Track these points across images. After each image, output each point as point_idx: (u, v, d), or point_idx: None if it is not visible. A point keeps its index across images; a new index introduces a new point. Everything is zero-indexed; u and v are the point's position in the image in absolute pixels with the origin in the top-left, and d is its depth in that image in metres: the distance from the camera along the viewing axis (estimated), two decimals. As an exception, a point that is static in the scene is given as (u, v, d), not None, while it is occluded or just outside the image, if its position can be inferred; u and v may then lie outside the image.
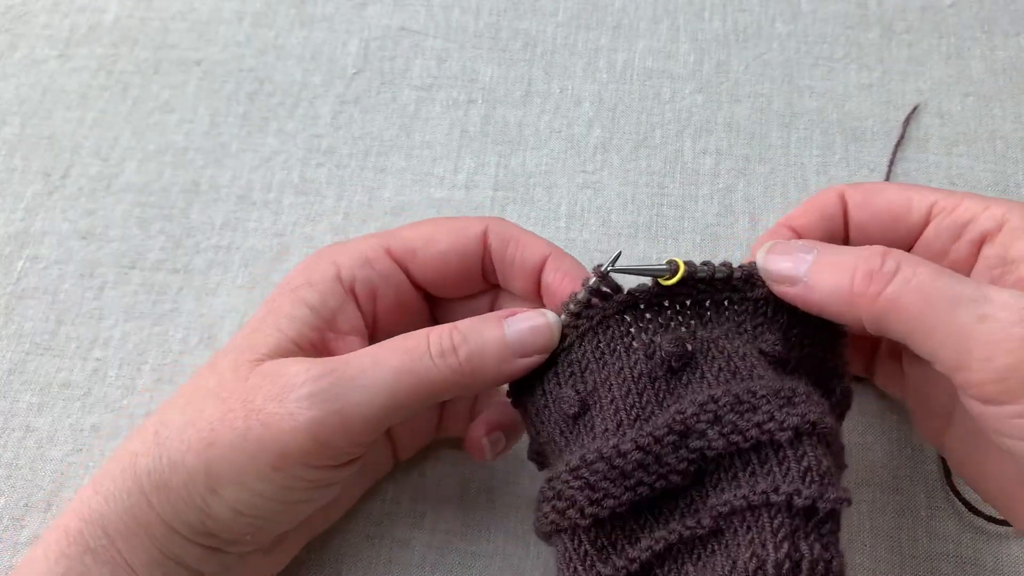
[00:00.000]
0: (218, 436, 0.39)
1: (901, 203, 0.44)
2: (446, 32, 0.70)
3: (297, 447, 0.39)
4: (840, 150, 0.64)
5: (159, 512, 0.40)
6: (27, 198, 0.63)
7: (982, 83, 0.66)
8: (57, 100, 0.68)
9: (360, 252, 0.44)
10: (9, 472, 0.54)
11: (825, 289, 0.39)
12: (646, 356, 0.40)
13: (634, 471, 0.38)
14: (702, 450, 0.38)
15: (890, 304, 0.37)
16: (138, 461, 0.40)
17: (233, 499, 0.40)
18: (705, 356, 0.40)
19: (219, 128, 0.66)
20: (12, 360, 0.57)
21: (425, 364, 0.40)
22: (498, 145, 0.65)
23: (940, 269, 0.37)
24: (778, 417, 0.37)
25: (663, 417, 0.39)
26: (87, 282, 0.60)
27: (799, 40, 0.69)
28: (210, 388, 0.41)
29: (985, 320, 0.35)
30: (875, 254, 0.38)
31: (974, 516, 0.51)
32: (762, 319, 0.42)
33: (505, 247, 0.44)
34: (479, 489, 0.52)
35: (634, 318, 0.42)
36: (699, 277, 0.42)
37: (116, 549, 0.40)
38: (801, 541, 0.36)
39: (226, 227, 0.62)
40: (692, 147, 0.65)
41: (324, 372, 0.39)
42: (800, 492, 0.36)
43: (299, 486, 0.40)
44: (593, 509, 0.38)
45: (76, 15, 0.72)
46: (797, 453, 0.37)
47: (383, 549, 0.51)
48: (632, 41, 0.69)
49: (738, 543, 0.37)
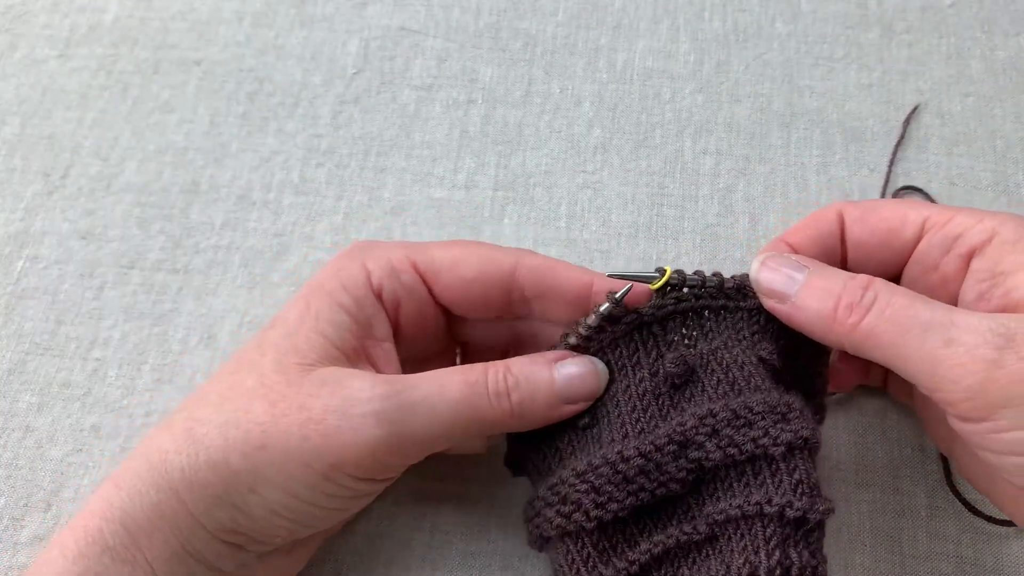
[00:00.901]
0: (271, 440, 0.39)
1: (896, 219, 0.45)
2: (446, 32, 0.70)
3: (354, 461, 0.40)
4: (840, 150, 0.64)
5: (191, 508, 0.40)
6: (27, 198, 0.63)
7: (982, 83, 0.66)
8: (57, 100, 0.68)
9: (388, 260, 0.45)
10: (9, 472, 0.54)
11: (810, 312, 0.41)
12: (650, 374, 0.43)
13: (636, 476, 0.40)
14: (700, 460, 0.40)
15: (866, 334, 0.39)
16: (169, 458, 0.40)
17: (273, 501, 0.40)
18: (705, 369, 0.42)
19: (219, 128, 0.66)
20: (12, 360, 0.57)
21: (483, 402, 0.41)
22: (498, 145, 0.65)
23: (914, 297, 0.39)
24: (772, 433, 0.40)
25: (664, 428, 0.41)
26: (87, 282, 0.60)
27: (799, 40, 0.69)
28: (250, 387, 0.41)
29: (951, 344, 0.37)
30: (858, 286, 0.40)
31: (974, 516, 0.51)
32: (757, 327, 0.44)
33: (541, 280, 0.44)
34: (479, 489, 0.52)
35: (641, 338, 0.44)
36: (690, 284, 0.44)
37: (137, 547, 0.40)
38: (791, 549, 0.38)
39: (226, 227, 0.62)
40: (692, 147, 0.65)
41: (390, 393, 0.40)
42: (792, 504, 0.38)
43: (343, 495, 0.41)
44: (598, 512, 0.40)
45: (76, 15, 0.72)
46: (789, 467, 0.39)
47: (383, 549, 0.51)
48: (632, 41, 0.69)
49: (732, 549, 0.39)
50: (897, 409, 0.54)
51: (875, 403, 0.54)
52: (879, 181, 0.62)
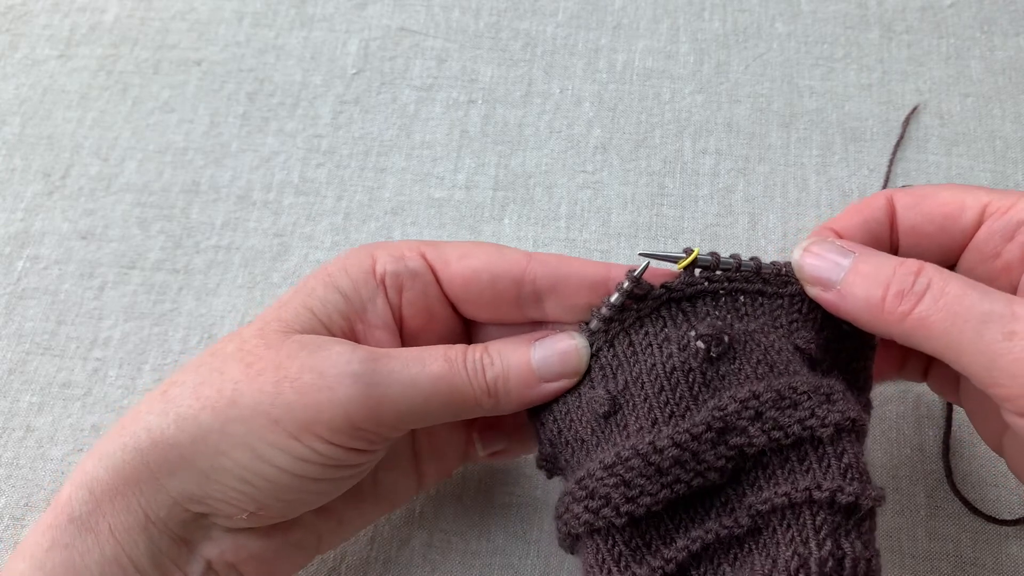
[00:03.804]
0: (241, 395, 0.39)
1: (954, 205, 0.42)
2: (446, 32, 0.70)
3: (326, 421, 0.39)
4: (840, 150, 0.64)
5: (154, 470, 0.39)
6: (27, 198, 0.63)
7: (982, 83, 0.67)
8: (57, 100, 0.68)
9: (397, 248, 0.44)
10: (9, 472, 0.54)
11: (858, 300, 0.39)
12: (679, 348, 0.39)
13: (671, 468, 0.37)
14: (741, 447, 0.38)
15: (919, 323, 0.37)
16: (139, 418, 0.40)
17: (241, 464, 0.39)
18: (743, 348, 0.39)
19: (219, 128, 0.66)
20: (12, 360, 0.57)
21: (460, 378, 0.41)
22: (498, 145, 0.65)
23: (971, 285, 0.37)
24: (819, 414, 0.37)
25: (701, 414, 0.38)
26: (87, 282, 0.60)
27: (799, 40, 0.69)
28: (229, 352, 0.41)
29: (1013, 337, 0.35)
30: (909, 272, 0.38)
31: (974, 516, 0.51)
32: (797, 315, 0.41)
33: (554, 271, 0.43)
34: (479, 489, 0.53)
35: (669, 314, 0.41)
36: (724, 267, 0.41)
37: (101, 513, 0.39)
38: (843, 539, 0.35)
39: (226, 227, 0.62)
40: (692, 147, 0.65)
41: (369, 358, 0.39)
42: (843, 489, 0.36)
43: (313, 460, 0.40)
44: (629, 507, 0.37)
45: (76, 15, 0.72)
46: (837, 450, 0.37)
47: (382, 549, 0.51)
48: (632, 41, 0.69)
49: (777, 542, 0.36)
50: (897, 408, 0.54)
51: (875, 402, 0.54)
52: (879, 181, 0.62)
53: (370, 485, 0.46)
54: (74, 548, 0.39)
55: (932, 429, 0.54)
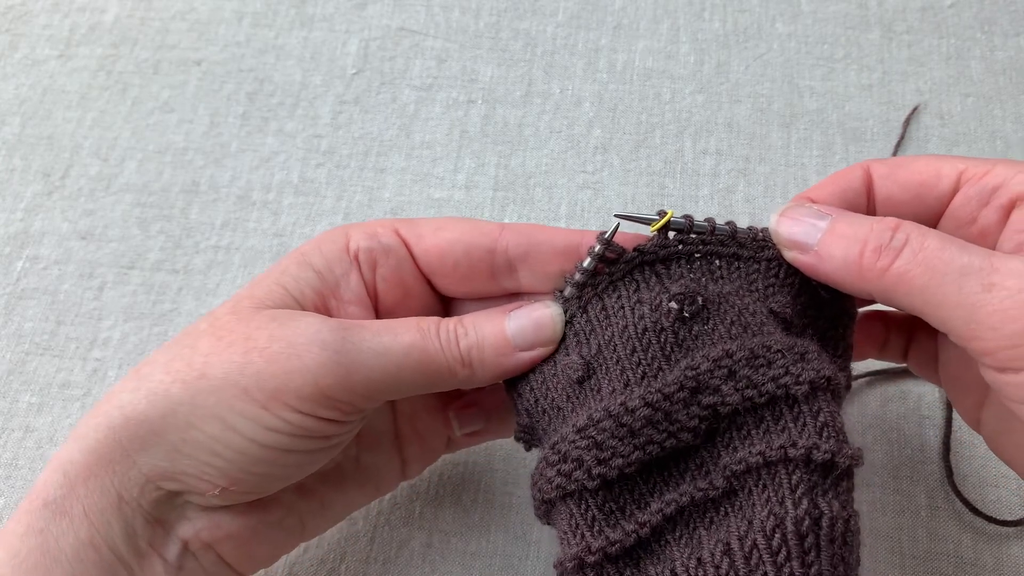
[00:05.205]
0: (211, 367, 0.39)
1: (929, 173, 0.42)
2: (446, 32, 0.70)
3: (295, 389, 0.38)
4: (840, 150, 0.64)
5: (126, 447, 0.39)
6: (27, 198, 0.63)
7: (982, 83, 0.67)
8: (57, 100, 0.68)
9: (371, 225, 0.45)
10: (9, 472, 0.53)
11: (835, 260, 0.39)
12: (651, 309, 0.39)
13: (643, 429, 0.37)
14: (715, 406, 0.37)
15: (898, 278, 0.37)
16: (112, 397, 0.40)
17: (211, 436, 0.39)
18: (717, 309, 0.39)
19: (219, 128, 0.66)
20: (12, 360, 0.57)
21: (433, 347, 0.40)
22: (498, 145, 0.65)
23: (948, 239, 0.37)
24: (793, 371, 0.37)
25: (674, 373, 0.38)
26: (87, 282, 0.60)
27: (799, 41, 0.69)
28: (202, 328, 0.41)
29: (992, 289, 0.35)
30: (886, 228, 0.38)
31: (974, 516, 0.51)
32: (774, 280, 0.41)
33: (527, 238, 0.43)
34: (479, 489, 0.52)
35: (643, 276, 0.40)
36: (698, 229, 0.41)
37: (75, 495, 0.39)
38: (820, 498, 0.35)
39: (226, 227, 0.62)
40: (692, 147, 0.65)
41: (339, 327, 0.40)
42: (819, 446, 0.35)
43: (284, 430, 0.39)
44: (601, 469, 0.37)
45: (76, 15, 0.72)
46: (812, 408, 0.36)
47: (382, 549, 0.51)
48: (632, 41, 0.69)
49: (753, 502, 0.36)
50: (898, 409, 0.54)
51: (875, 402, 0.54)
52: (879, 181, 0.62)
53: (352, 467, 0.46)
54: (48, 532, 0.38)
55: (933, 429, 0.54)
